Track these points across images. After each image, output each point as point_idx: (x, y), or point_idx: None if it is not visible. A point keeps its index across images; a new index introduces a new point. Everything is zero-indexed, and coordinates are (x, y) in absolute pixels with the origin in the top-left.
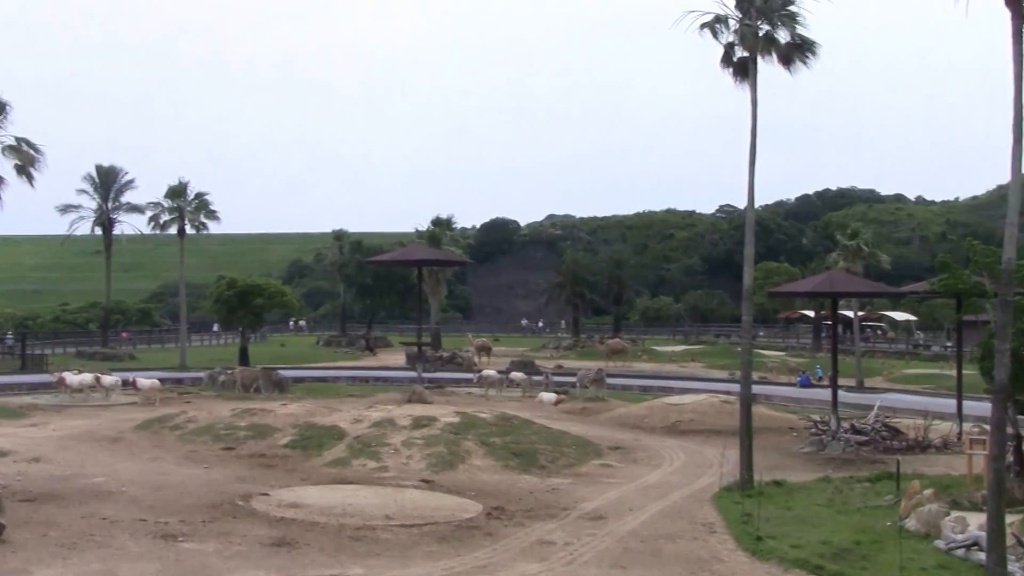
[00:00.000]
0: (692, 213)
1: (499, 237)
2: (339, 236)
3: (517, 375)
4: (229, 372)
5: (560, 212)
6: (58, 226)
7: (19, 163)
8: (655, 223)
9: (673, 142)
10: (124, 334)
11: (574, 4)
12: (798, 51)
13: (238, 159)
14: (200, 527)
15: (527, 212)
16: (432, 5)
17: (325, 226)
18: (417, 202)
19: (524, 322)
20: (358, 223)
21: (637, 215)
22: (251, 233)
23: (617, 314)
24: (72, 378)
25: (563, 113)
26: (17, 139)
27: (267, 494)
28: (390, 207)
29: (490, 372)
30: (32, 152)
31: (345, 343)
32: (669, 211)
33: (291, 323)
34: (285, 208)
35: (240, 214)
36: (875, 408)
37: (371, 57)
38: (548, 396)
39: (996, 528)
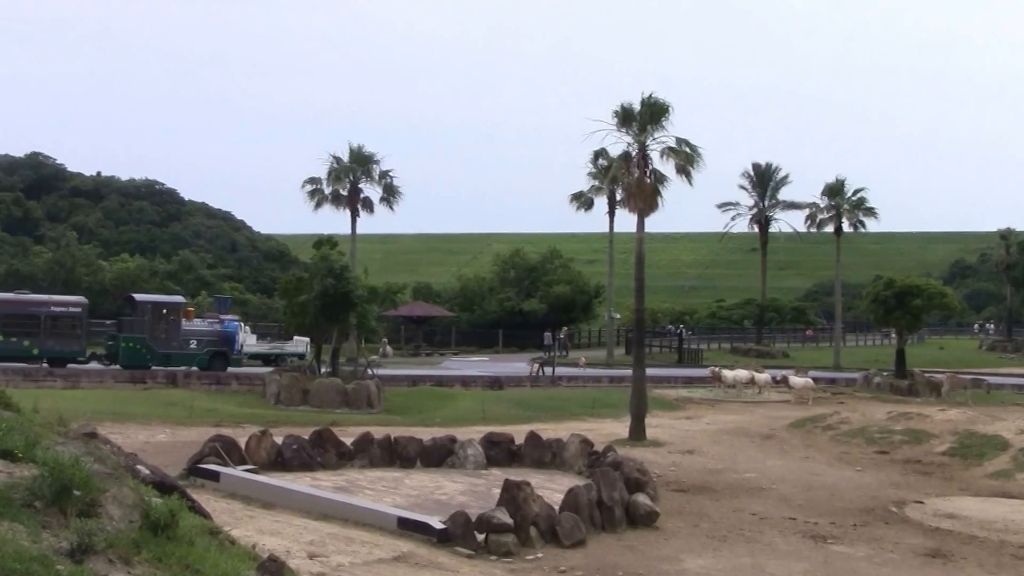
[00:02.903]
0: None
1: None
2: (1005, 235)
3: None
4: (885, 374)
5: None
6: (715, 223)
7: (679, 163)
8: None
9: None
10: (808, 332)
11: None
12: None
13: (910, 154)
14: (850, 530)
15: None
16: None
17: (990, 225)
18: None
19: None
20: None
21: None
22: (910, 232)
23: None
24: (727, 374)
25: None
26: (678, 140)
27: (921, 502)
28: None
29: None
30: (690, 152)
31: (1011, 348)
32: None
33: (975, 326)
34: (946, 206)
35: (899, 212)
36: None
37: None
38: None
39: None
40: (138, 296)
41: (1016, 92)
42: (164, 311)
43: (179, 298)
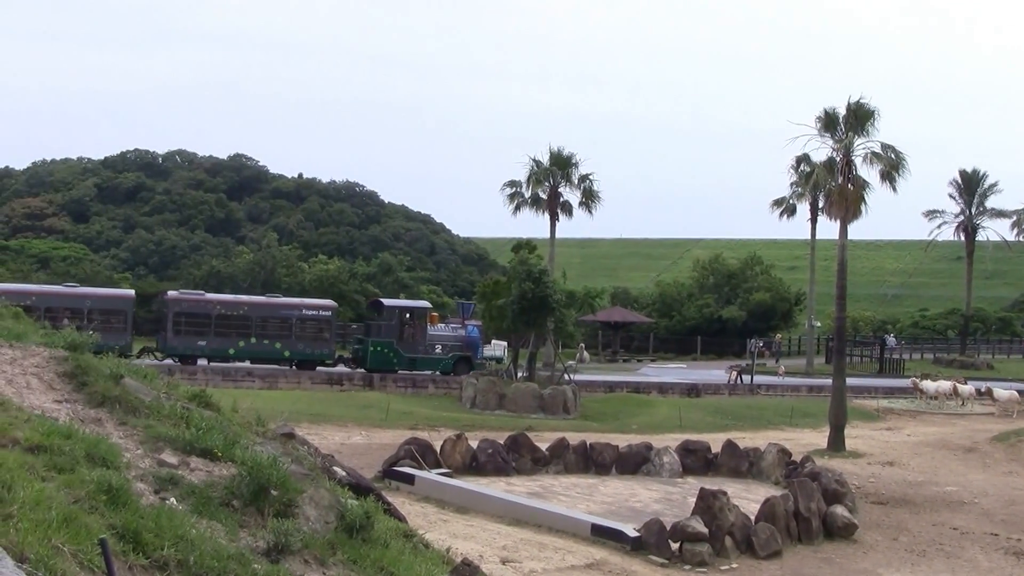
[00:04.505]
0: None
1: None
2: None
3: None
4: None
5: None
6: (920, 231)
7: (883, 169)
8: None
9: None
10: None
11: None
12: None
13: None
14: None
15: None
16: None
17: None
18: None
19: None
20: None
21: None
22: None
23: None
24: (928, 385)
25: None
26: (883, 145)
27: None
28: None
29: None
30: (895, 158)
31: None
32: None
33: None
34: None
35: None
36: None
37: None
38: None
39: None
40: (385, 301)
41: None
42: (409, 316)
43: (425, 303)
